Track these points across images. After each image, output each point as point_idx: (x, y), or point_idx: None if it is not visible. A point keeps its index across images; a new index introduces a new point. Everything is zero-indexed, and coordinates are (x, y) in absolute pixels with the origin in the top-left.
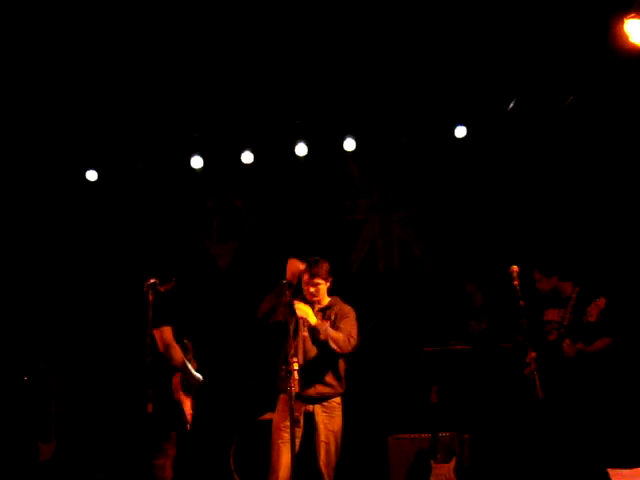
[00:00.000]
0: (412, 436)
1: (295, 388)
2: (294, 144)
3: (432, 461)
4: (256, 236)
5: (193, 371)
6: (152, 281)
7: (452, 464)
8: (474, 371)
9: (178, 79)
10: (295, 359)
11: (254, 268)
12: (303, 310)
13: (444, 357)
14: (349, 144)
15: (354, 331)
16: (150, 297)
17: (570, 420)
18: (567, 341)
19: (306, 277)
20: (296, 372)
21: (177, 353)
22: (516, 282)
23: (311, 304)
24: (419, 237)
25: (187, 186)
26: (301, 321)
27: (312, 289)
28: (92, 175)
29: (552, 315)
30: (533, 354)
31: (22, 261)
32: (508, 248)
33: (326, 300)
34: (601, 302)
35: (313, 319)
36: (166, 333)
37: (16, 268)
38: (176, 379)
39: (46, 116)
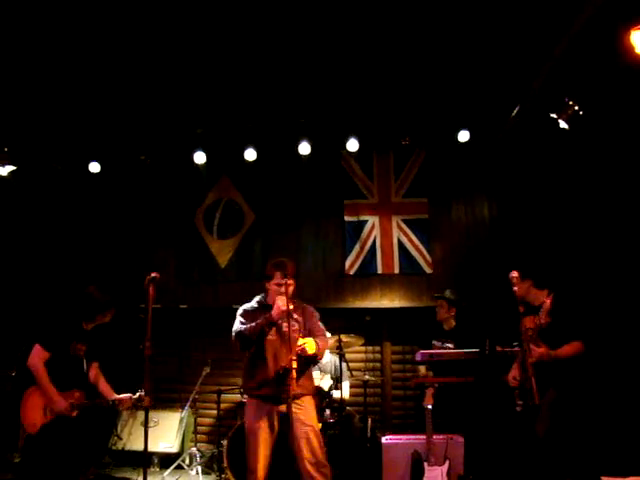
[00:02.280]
0: (406, 438)
1: (293, 387)
2: (297, 143)
3: (425, 463)
4: (256, 233)
5: (55, 398)
6: (153, 275)
7: (445, 467)
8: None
9: (183, 74)
10: (294, 357)
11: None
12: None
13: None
14: (352, 144)
15: (323, 329)
16: (151, 290)
17: (566, 427)
18: (531, 345)
19: (279, 278)
20: (294, 371)
21: (40, 374)
22: (515, 287)
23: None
24: (419, 240)
25: (189, 181)
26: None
27: (284, 289)
28: (95, 167)
29: (529, 323)
30: (531, 359)
31: (22, 253)
32: (508, 253)
33: None
34: (546, 303)
35: (312, 349)
36: (35, 351)
37: (16, 260)
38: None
39: (50, 109)
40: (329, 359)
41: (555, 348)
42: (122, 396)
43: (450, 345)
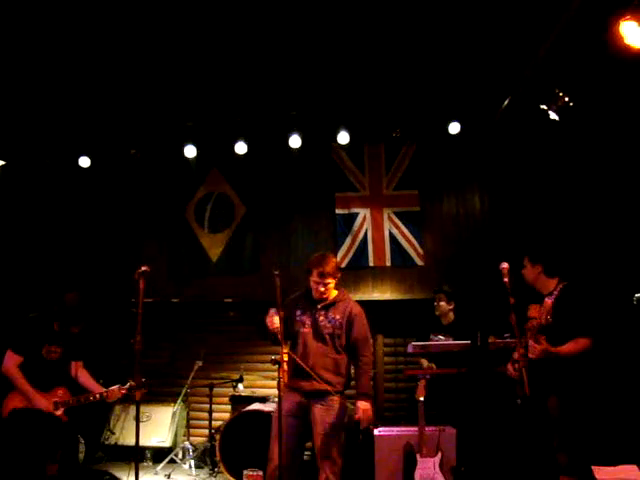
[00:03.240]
0: (398, 430)
1: (284, 379)
2: (288, 135)
3: (418, 455)
4: (247, 227)
5: (35, 398)
6: (143, 269)
7: (438, 458)
8: (461, 367)
9: (173, 68)
10: (285, 350)
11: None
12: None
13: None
14: (343, 137)
15: (369, 333)
16: (141, 284)
17: (555, 417)
18: (531, 342)
19: (316, 276)
20: (285, 363)
21: (14, 376)
22: (506, 279)
23: (317, 301)
24: (410, 232)
25: (179, 175)
26: (302, 317)
27: (322, 289)
28: (85, 162)
29: (534, 312)
30: (521, 351)
31: (10, 250)
32: (500, 245)
33: (333, 294)
34: (547, 304)
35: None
36: (7, 356)
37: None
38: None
39: (39, 103)
40: None
41: (558, 344)
42: (111, 388)
43: (450, 339)
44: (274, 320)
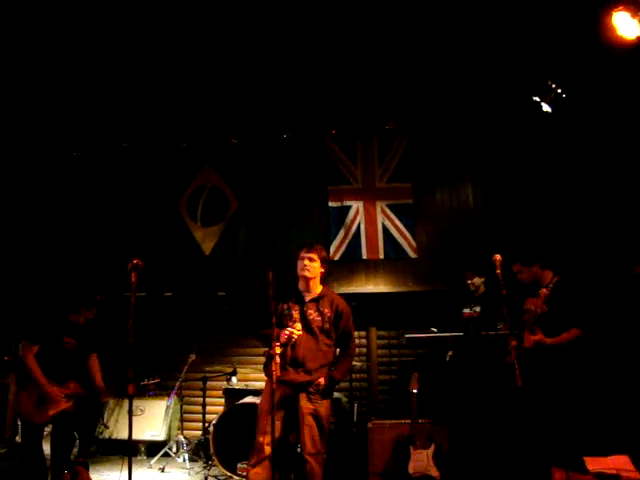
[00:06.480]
0: (392, 422)
1: (277, 372)
2: (280, 129)
3: (411, 447)
4: (240, 220)
5: (47, 386)
6: (135, 262)
7: (431, 450)
8: (455, 358)
9: (166, 60)
10: (278, 343)
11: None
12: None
13: (425, 343)
14: (335, 130)
15: (353, 331)
16: (133, 278)
17: (547, 408)
18: (526, 332)
19: (303, 252)
20: (278, 356)
21: (30, 366)
22: (499, 271)
23: (305, 295)
24: (403, 225)
25: (172, 168)
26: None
27: (307, 261)
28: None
29: (530, 304)
30: (514, 342)
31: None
32: (493, 237)
33: (319, 289)
34: (543, 292)
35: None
36: (23, 345)
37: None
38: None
39: (33, 95)
40: None
41: (553, 335)
42: (103, 388)
43: (477, 309)
44: (294, 333)
